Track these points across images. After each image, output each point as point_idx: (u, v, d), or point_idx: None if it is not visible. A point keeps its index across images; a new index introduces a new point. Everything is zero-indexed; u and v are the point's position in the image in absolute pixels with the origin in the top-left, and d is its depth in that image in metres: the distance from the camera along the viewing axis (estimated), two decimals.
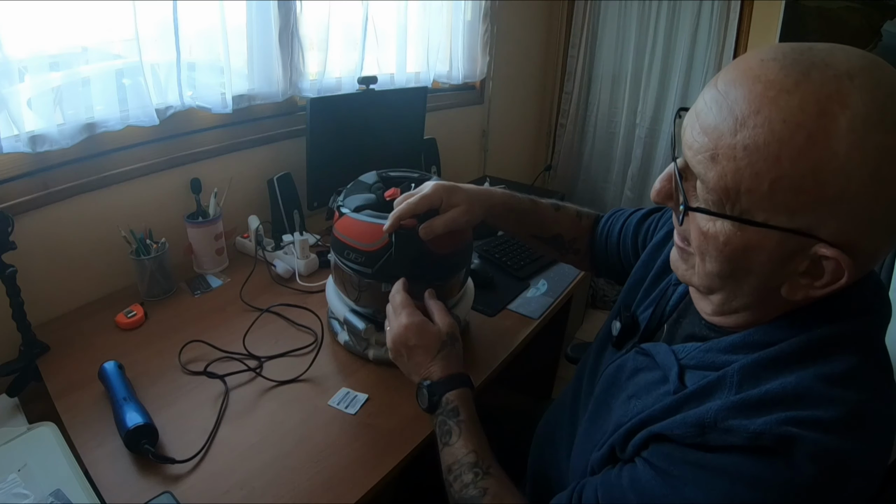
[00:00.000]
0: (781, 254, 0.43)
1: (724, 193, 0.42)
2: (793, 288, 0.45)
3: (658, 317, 0.64)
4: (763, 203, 0.41)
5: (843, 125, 0.37)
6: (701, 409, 0.45)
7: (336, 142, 1.37)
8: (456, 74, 1.94)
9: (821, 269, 0.42)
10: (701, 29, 2.16)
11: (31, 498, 0.65)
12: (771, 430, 0.40)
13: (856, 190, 0.38)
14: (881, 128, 0.37)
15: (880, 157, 0.37)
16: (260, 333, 1.00)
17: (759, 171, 0.40)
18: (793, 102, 0.38)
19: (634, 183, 2.50)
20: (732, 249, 0.44)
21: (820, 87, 0.38)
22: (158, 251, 1.08)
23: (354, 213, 0.85)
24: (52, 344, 0.94)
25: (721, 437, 0.43)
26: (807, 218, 0.40)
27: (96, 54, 1.06)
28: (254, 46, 1.29)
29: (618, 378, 0.61)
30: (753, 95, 0.40)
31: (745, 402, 0.43)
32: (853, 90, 0.37)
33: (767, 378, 0.44)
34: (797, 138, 0.38)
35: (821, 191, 0.38)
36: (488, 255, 1.32)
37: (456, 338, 0.72)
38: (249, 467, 0.72)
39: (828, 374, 0.43)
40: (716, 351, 0.50)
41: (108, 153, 1.11)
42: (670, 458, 0.46)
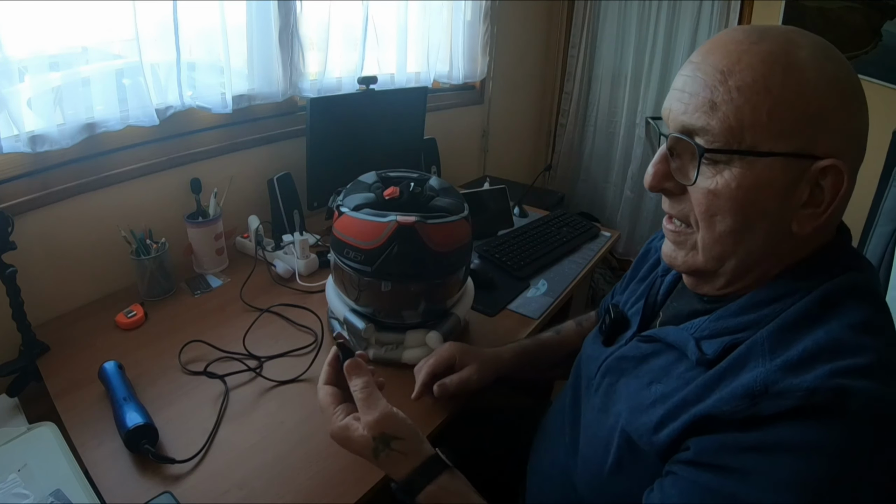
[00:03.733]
0: (786, 184, 0.47)
1: (731, 133, 0.47)
2: (800, 222, 0.48)
3: (651, 306, 0.66)
4: (765, 133, 0.46)
5: (804, 56, 0.46)
6: (745, 380, 0.45)
7: (336, 142, 1.37)
8: (456, 74, 1.94)
9: (820, 194, 0.47)
10: (701, 29, 2.17)
11: (31, 498, 0.65)
12: (823, 384, 0.41)
13: (831, 108, 0.45)
14: (829, 59, 0.46)
15: (837, 80, 0.46)
16: (260, 333, 1.00)
17: (756, 105, 0.46)
18: (763, 48, 0.47)
19: (634, 183, 2.50)
20: (745, 192, 0.47)
21: (777, 37, 0.47)
22: (158, 251, 1.08)
23: (354, 212, 0.85)
24: (52, 344, 0.94)
25: (774, 403, 0.42)
26: (802, 138, 0.46)
27: (96, 54, 1.06)
28: (254, 46, 1.29)
29: (623, 369, 0.60)
30: (729, 52, 0.48)
31: (788, 363, 0.44)
32: (798, 39, 0.47)
33: (798, 337, 0.45)
34: (776, 70, 0.46)
35: (807, 109, 0.45)
36: (488, 255, 1.32)
37: (388, 436, 0.57)
38: (249, 467, 0.72)
39: (851, 324, 0.45)
40: (726, 317, 0.51)
41: (108, 153, 1.11)
42: (724, 451, 0.45)
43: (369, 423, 0.57)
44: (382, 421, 0.57)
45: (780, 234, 0.49)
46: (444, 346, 0.86)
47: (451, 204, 0.91)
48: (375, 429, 0.57)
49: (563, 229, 1.49)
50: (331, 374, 0.64)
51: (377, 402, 0.58)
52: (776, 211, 0.48)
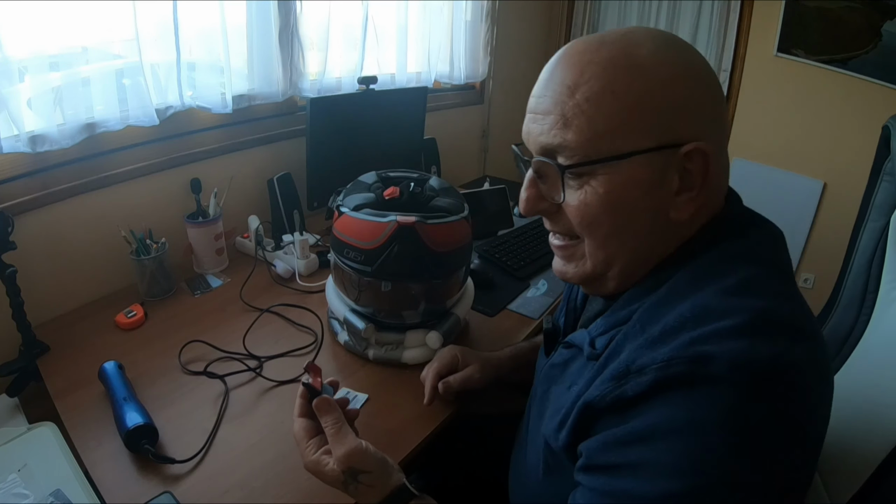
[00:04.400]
0: (654, 177, 0.48)
1: (586, 145, 0.48)
2: (678, 209, 0.49)
3: (572, 313, 0.67)
4: (623, 136, 0.47)
5: (645, 54, 0.47)
6: (615, 364, 0.45)
7: (336, 142, 1.37)
8: (458, 75, 1.94)
9: (690, 178, 0.48)
10: (701, 29, 2.17)
11: (31, 498, 0.65)
12: (680, 353, 0.40)
13: (681, 94, 0.47)
14: (669, 50, 0.48)
15: (680, 68, 0.47)
16: (260, 333, 1.00)
17: (607, 111, 0.47)
18: (603, 55, 0.48)
19: None
20: (615, 195, 0.48)
21: (615, 43, 0.48)
22: (158, 251, 1.08)
23: (354, 211, 0.85)
24: (52, 344, 0.94)
25: (636, 382, 0.42)
26: (660, 131, 0.47)
27: (96, 54, 1.06)
28: (254, 46, 1.30)
29: (552, 375, 0.62)
30: (572, 65, 0.49)
31: (648, 339, 0.44)
32: (637, 37, 0.48)
33: (665, 313, 0.45)
34: (619, 74, 0.47)
35: (656, 104, 0.46)
36: (488, 255, 1.32)
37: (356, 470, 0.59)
38: (249, 467, 0.72)
39: (723, 288, 0.44)
40: (616, 311, 0.52)
41: (108, 153, 1.11)
42: (608, 449, 0.44)
43: (339, 457, 0.58)
44: (351, 455, 0.58)
45: (661, 225, 0.50)
46: (445, 349, 0.87)
47: (451, 204, 0.91)
48: (344, 463, 0.58)
49: None
50: (303, 407, 0.64)
51: (345, 438, 0.59)
52: (651, 205, 0.49)
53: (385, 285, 0.86)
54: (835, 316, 0.84)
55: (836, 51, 1.92)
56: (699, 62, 0.49)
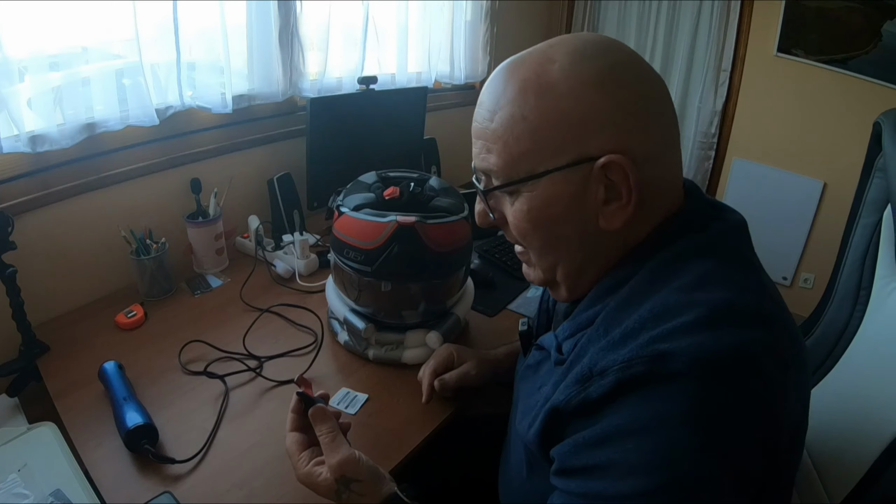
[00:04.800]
0: (574, 191, 0.49)
1: (507, 169, 0.50)
2: (607, 218, 0.49)
3: (545, 314, 0.69)
4: (536, 157, 0.49)
5: (555, 71, 0.47)
6: (578, 367, 0.46)
7: (336, 142, 1.37)
8: (458, 75, 1.94)
9: (617, 190, 0.48)
10: (701, 29, 2.16)
11: (31, 498, 0.65)
12: (639, 353, 0.41)
13: (593, 108, 0.46)
14: (586, 60, 0.47)
15: (595, 77, 0.47)
16: (260, 333, 1.00)
17: (519, 135, 0.49)
18: (516, 81, 0.49)
19: None
20: (538, 211, 0.50)
21: (531, 62, 0.49)
22: (158, 251, 1.08)
23: (354, 212, 0.85)
24: (52, 344, 0.94)
25: (599, 384, 0.42)
26: (572, 148, 0.47)
27: (96, 54, 1.06)
28: (254, 46, 1.29)
29: (527, 376, 0.63)
30: (493, 94, 0.51)
31: (609, 342, 0.44)
32: (555, 51, 0.49)
33: (627, 314, 0.45)
34: (529, 98, 0.48)
35: (567, 121, 0.47)
36: (488, 255, 1.32)
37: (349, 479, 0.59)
38: (249, 467, 0.72)
39: (680, 286, 0.45)
40: (578, 315, 0.53)
41: (108, 153, 1.11)
42: (578, 452, 0.44)
43: (332, 465, 0.59)
44: (344, 464, 0.59)
45: (593, 234, 0.50)
46: (441, 347, 0.87)
47: (451, 204, 0.91)
48: (337, 471, 0.58)
49: None
50: (295, 421, 0.64)
51: (340, 447, 0.60)
52: (576, 217, 0.50)
53: (385, 285, 0.86)
54: (829, 313, 0.85)
55: (836, 51, 1.92)
56: (619, 66, 0.48)
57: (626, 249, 0.52)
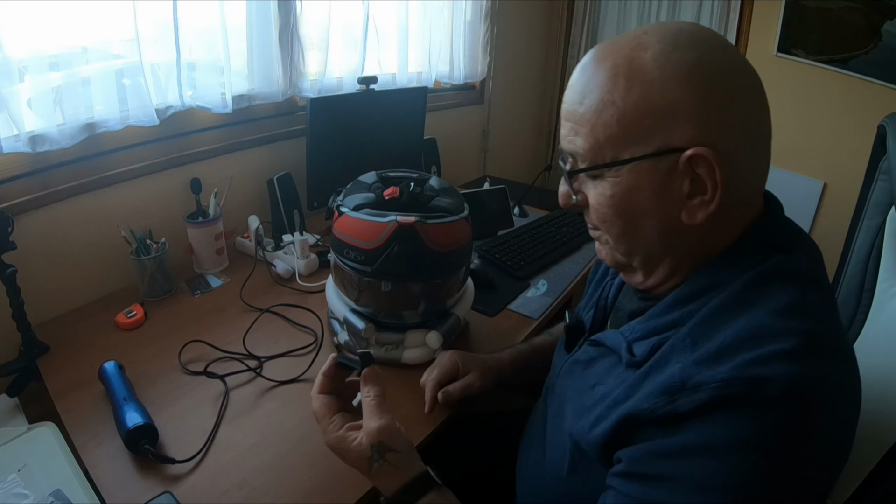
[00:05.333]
0: (658, 182, 0.48)
1: (593, 152, 0.51)
2: (690, 213, 0.49)
3: (602, 311, 0.68)
4: (622, 143, 0.49)
5: (647, 59, 0.47)
6: (664, 377, 0.45)
7: (336, 142, 1.37)
8: (457, 74, 1.94)
9: (702, 184, 0.47)
10: None
11: (31, 498, 0.65)
12: (738, 374, 0.41)
13: (682, 97, 0.46)
14: (678, 50, 0.47)
15: (687, 68, 0.46)
16: (260, 333, 1.00)
17: (606, 120, 0.49)
18: (607, 65, 0.49)
19: None
20: (620, 198, 0.50)
21: (623, 48, 0.49)
22: (158, 251, 1.08)
23: (354, 211, 0.85)
24: (52, 344, 0.94)
25: (690, 398, 0.42)
26: (660, 137, 0.47)
27: (96, 54, 1.06)
28: (254, 46, 1.29)
29: (574, 372, 0.62)
30: (583, 76, 0.51)
31: (704, 356, 0.44)
32: (648, 39, 0.48)
33: (718, 329, 0.45)
34: (619, 83, 0.48)
35: (655, 110, 0.47)
36: (488, 255, 1.32)
37: (385, 447, 0.57)
38: (249, 467, 0.72)
39: (774, 309, 0.44)
40: (654, 317, 0.53)
41: (108, 153, 1.11)
42: (651, 459, 0.45)
43: (371, 430, 0.57)
44: (384, 430, 0.57)
45: (672, 227, 0.50)
46: (445, 355, 0.86)
47: (451, 204, 0.91)
48: (375, 437, 0.56)
49: (563, 229, 1.49)
50: (325, 384, 0.63)
51: (384, 413, 0.58)
52: (658, 208, 0.50)
53: (385, 285, 0.86)
54: None
55: (836, 51, 1.92)
56: (714, 59, 0.47)
57: (707, 255, 0.52)
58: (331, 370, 0.63)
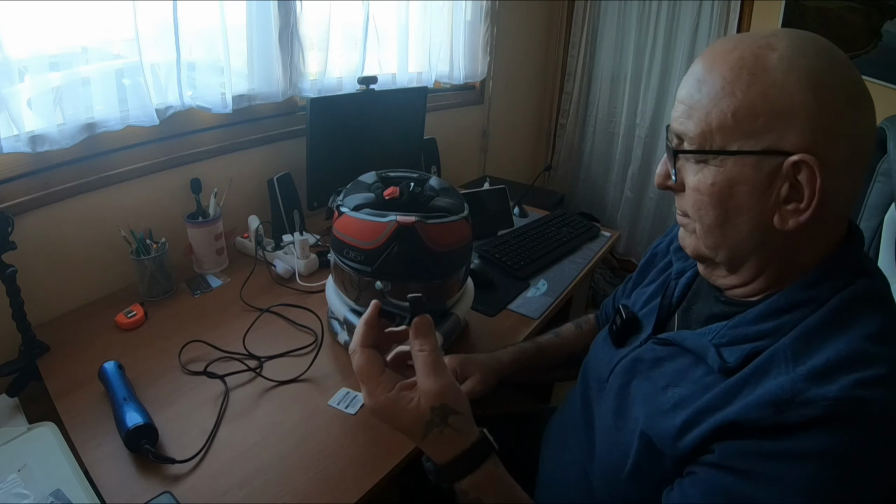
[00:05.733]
0: (761, 180, 0.49)
1: (702, 138, 0.51)
2: (782, 217, 0.49)
3: (666, 307, 0.66)
4: (732, 134, 0.49)
5: (774, 59, 0.48)
6: (770, 388, 0.46)
7: (336, 142, 1.37)
8: (457, 74, 1.94)
9: (800, 191, 0.48)
10: (701, 29, 2.16)
11: (31, 498, 0.65)
12: (847, 394, 0.43)
13: (800, 103, 0.47)
14: (806, 56, 0.48)
15: (812, 75, 0.47)
16: (260, 333, 1.00)
17: (722, 109, 0.49)
18: (734, 56, 0.50)
19: (634, 183, 2.50)
20: (720, 188, 0.51)
21: (752, 44, 0.50)
22: (158, 251, 1.08)
23: (354, 211, 0.85)
24: (52, 344, 0.94)
25: (799, 412, 0.44)
26: (770, 137, 0.48)
27: (96, 54, 1.06)
28: (254, 46, 1.29)
29: (636, 371, 0.61)
30: (708, 62, 0.52)
31: (813, 372, 0.45)
32: (777, 41, 0.49)
33: (819, 347, 0.47)
34: (743, 76, 0.49)
35: (772, 109, 0.47)
36: (488, 255, 1.32)
37: (448, 410, 0.51)
38: (249, 467, 0.72)
39: (868, 335, 0.46)
40: (745, 324, 0.53)
41: (108, 153, 1.11)
42: (747, 456, 0.46)
43: (431, 390, 0.50)
44: (446, 391, 0.51)
45: (763, 228, 0.51)
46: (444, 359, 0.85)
47: (451, 204, 0.91)
48: (437, 399, 0.50)
49: (563, 229, 1.49)
50: (369, 335, 0.54)
51: (444, 370, 0.52)
52: (754, 206, 0.50)
53: (385, 285, 0.86)
54: None
55: None
56: (838, 71, 0.48)
57: (794, 266, 0.53)
58: (374, 318, 0.55)
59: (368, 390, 0.53)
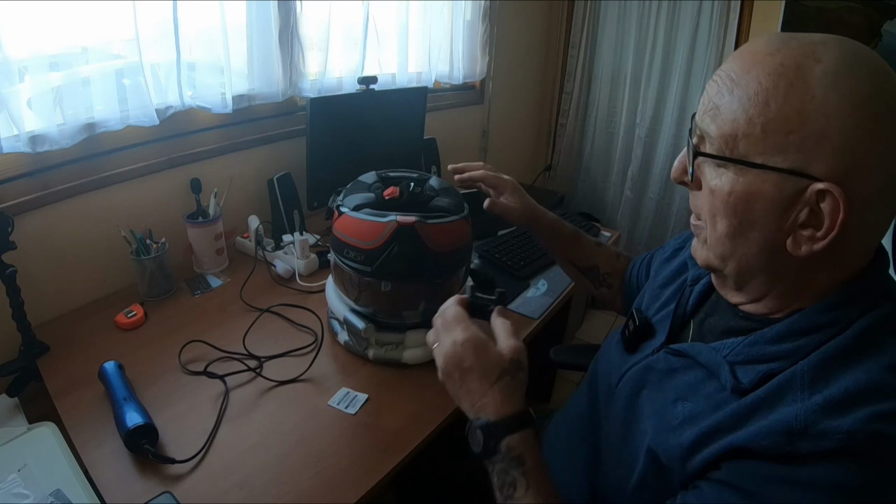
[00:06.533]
0: (780, 199, 0.46)
1: (725, 141, 0.48)
2: (796, 242, 0.47)
3: (680, 317, 0.64)
4: (758, 146, 0.46)
5: (817, 73, 0.44)
6: (784, 415, 0.44)
7: (336, 142, 1.37)
8: (457, 74, 1.94)
9: (820, 219, 0.45)
10: (701, 29, 2.16)
11: (31, 498, 0.65)
12: (863, 428, 0.41)
13: (838, 127, 0.43)
14: (853, 75, 0.43)
15: (856, 98, 0.43)
16: (260, 333, 1.00)
17: (752, 117, 0.46)
18: (775, 61, 0.46)
19: (634, 183, 2.50)
20: (737, 198, 0.48)
21: (797, 50, 0.45)
22: (158, 251, 1.08)
23: (354, 211, 0.85)
24: (52, 344, 0.94)
25: (813, 443, 0.42)
26: (798, 157, 0.44)
27: (96, 54, 1.06)
28: (254, 46, 1.29)
29: (647, 380, 0.60)
30: (744, 62, 0.48)
31: (829, 402, 0.43)
32: (825, 51, 0.45)
33: (837, 374, 0.45)
34: (780, 86, 0.45)
35: (806, 128, 0.44)
36: (488, 255, 1.32)
37: (521, 366, 0.58)
38: (249, 467, 0.72)
39: (891, 364, 0.44)
40: (762, 343, 0.51)
41: (108, 153, 1.11)
42: (755, 477, 0.45)
43: (512, 346, 0.59)
44: (523, 352, 0.59)
45: (775, 249, 0.48)
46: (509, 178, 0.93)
47: (451, 204, 0.91)
48: (516, 353, 0.58)
49: None
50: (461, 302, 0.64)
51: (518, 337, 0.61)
52: (769, 224, 0.48)
53: (385, 285, 0.86)
54: None
55: None
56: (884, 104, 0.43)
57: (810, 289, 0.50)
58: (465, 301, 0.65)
59: (465, 327, 0.60)
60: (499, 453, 0.55)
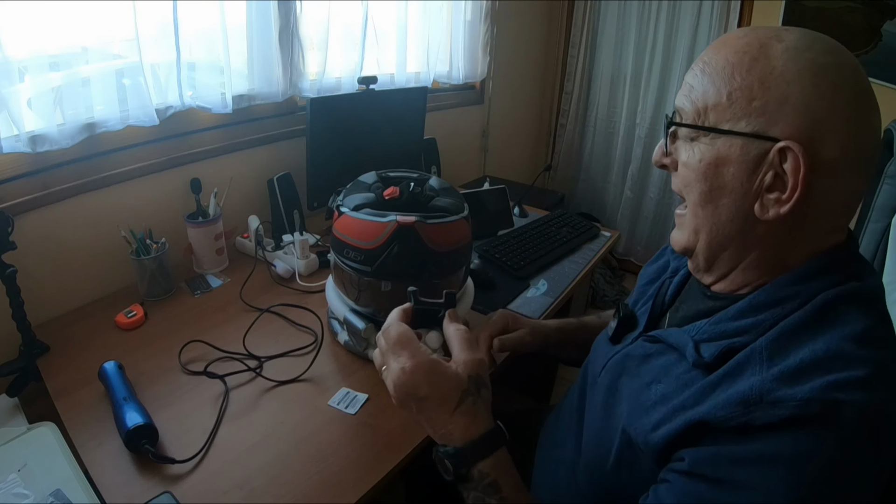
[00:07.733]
0: (746, 162, 0.49)
1: (696, 114, 0.52)
2: (763, 206, 0.49)
3: (658, 307, 0.67)
4: (725, 114, 0.50)
5: (779, 49, 0.48)
6: (741, 387, 0.45)
7: (336, 142, 1.37)
8: (456, 74, 1.94)
9: (785, 182, 0.48)
10: (701, 29, 2.17)
11: (31, 498, 0.65)
12: (817, 395, 0.42)
13: (797, 92, 0.47)
14: (812, 50, 0.48)
15: (815, 69, 0.47)
16: (260, 333, 1.00)
17: (719, 88, 0.50)
18: (742, 42, 0.51)
19: (634, 183, 2.51)
20: (707, 164, 0.52)
21: (762, 33, 0.50)
22: (158, 251, 1.08)
23: (354, 211, 0.85)
24: (52, 344, 0.94)
25: (767, 412, 0.43)
26: (761, 121, 0.48)
27: (96, 54, 1.06)
28: (254, 46, 1.30)
29: (626, 366, 0.61)
30: (716, 47, 0.53)
31: (784, 372, 0.44)
32: (788, 33, 0.49)
33: (796, 347, 0.46)
34: (745, 60, 0.49)
35: (767, 95, 0.48)
36: (488, 255, 1.32)
37: (482, 382, 0.55)
38: (249, 467, 0.72)
39: (851, 335, 0.45)
40: (725, 320, 0.52)
41: (108, 153, 1.11)
42: (718, 462, 0.45)
43: (468, 360, 0.56)
44: (481, 364, 0.56)
45: (744, 214, 0.51)
46: (496, 313, 0.87)
47: (451, 204, 0.91)
48: (474, 369, 0.55)
49: (563, 229, 1.49)
50: (404, 316, 0.62)
51: (477, 348, 0.58)
52: (738, 189, 0.50)
53: (385, 285, 0.86)
54: None
55: None
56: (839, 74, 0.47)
57: (777, 264, 0.52)
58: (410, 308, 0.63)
59: (411, 352, 0.57)
60: (471, 481, 0.54)
